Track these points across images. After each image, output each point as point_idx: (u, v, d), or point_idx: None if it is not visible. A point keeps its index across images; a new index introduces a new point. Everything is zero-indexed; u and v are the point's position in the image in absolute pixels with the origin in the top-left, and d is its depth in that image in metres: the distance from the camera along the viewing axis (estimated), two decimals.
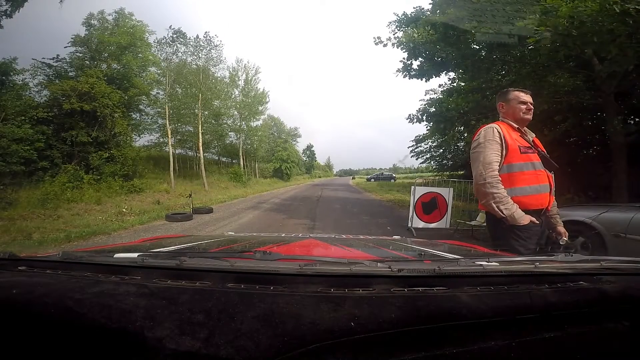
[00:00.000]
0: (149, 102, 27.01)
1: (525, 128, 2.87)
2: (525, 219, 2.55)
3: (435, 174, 24.27)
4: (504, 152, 2.65)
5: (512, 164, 2.64)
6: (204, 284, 0.89)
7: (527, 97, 2.81)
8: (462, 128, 17.50)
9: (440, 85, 18.17)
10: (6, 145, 13.40)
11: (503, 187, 2.59)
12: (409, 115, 16.04)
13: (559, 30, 6.00)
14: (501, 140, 2.65)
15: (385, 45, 11.53)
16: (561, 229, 2.88)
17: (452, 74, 15.41)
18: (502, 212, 2.56)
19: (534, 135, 2.92)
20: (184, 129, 30.86)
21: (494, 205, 2.59)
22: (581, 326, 0.76)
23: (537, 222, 2.61)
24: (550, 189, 2.71)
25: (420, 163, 27.45)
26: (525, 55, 9.72)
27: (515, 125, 2.80)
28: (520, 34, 6.75)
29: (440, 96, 16.96)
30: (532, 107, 2.81)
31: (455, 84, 17.18)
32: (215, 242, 2.14)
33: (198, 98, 26.99)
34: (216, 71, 30.18)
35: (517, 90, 2.85)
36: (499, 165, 2.64)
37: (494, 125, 2.75)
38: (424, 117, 16.10)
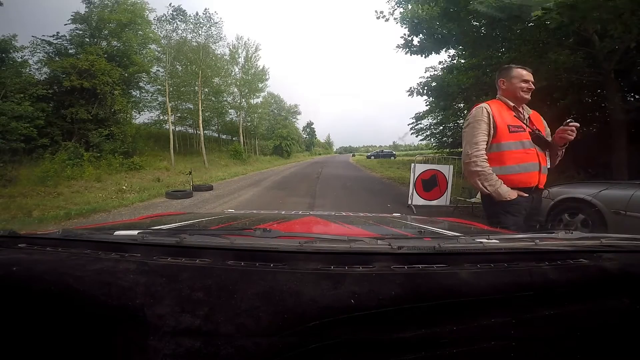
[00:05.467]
0: (149, 79, 26.99)
1: (523, 105, 2.88)
2: (511, 194, 2.62)
3: (435, 151, 24.20)
4: (492, 131, 2.69)
5: (501, 143, 2.69)
6: (204, 261, 0.89)
7: (529, 76, 2.80)
8: (462, 105, 17.44)
9: (440, 62, 18.11)
10: (6, 123, 13.40)
11: (488, 165, 2.66)
12: (410, 88, 15.95)
13: (569, 2, 5.89)
14: (489, 120, 2.69)
15: (387, 20, 11.47)
16: None
17: (452, 51, 15.36)
18: (487, 189, 2.65)
19: (531, 112, 2.93)
20: (184, 106, 30.89)
21: (479, 183, 2.68)
22: (581, 303, 0.76)
23: (526, 195, 2.67)
24: (541, 167, 2.72)
25: (420, 140, 27.48)
26: (526, 32, 9.61)
27: (511, 103, 2.81)
28: (525, 3, 6.62)
29: (440, 73, 16.86)
30: (532, 86, 2.80)
31: (455, 61, 17.07)
32: (215, 219, 2.14)
33: (198, 75, 26.99)
34: (216, 48, 30.11)
35: (519, 68, 2.83)
36: (488, 144, 2.70)
37: (484, 104, 2.77)
38: (425, 91, 16.02)
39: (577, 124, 2.65)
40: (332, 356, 0.61)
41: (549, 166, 2.84)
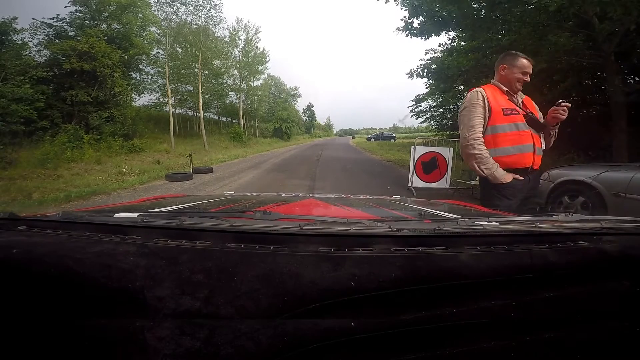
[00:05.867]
0: (149, 61, 26.98)
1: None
2: (507, 177, 2.68)
3: (435, 133, 24.14)
4: (487, 114, 2.74)
5: (496, 126, 2.73)
6: (204, 243, 0.89)
7: (530, 69, 2.84)
8: (462, 87, 17.37)
9: (440, 45, 18.00)
10: (6, 105, 13.44)
11: (485, 148, 2.72)
12: (410, 70, 15.85)
13: None
14: (484, 104, 2.74)
15: (387, 2, 11.32)
16: None
17: (452, 34, 15.20)
18: (483, 172, 2.71)
19: (524, 97, 2.98)
20: (184, 88, 30.94)
21: (476, 166, 2.74)
22: (581, 286, 0.76)
23: (522, 178, 2.72)
24: (535, 149, 2.77)
25: (420, 123, 27.33)
26: (526, 15, 9.53)
27: (504, 88, 2.86)
28: None
29: (440, 56, 16.77)
30: (528, 79, 2.85)
31: (455, 44, 16.96)
32: (215, 201, 2.14)
33: (198, 58, 26.91)
34: (216, 31, 29.96)
35: (525, 59, 2.84)
36: (483, 127, 2.75)
37: (479, 89, 2.83)
38: (425, 73, 15.95)
39: (569, 104, 2.69)
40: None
41: (543, 147, 2.89)
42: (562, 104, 2.67)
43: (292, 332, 0.62)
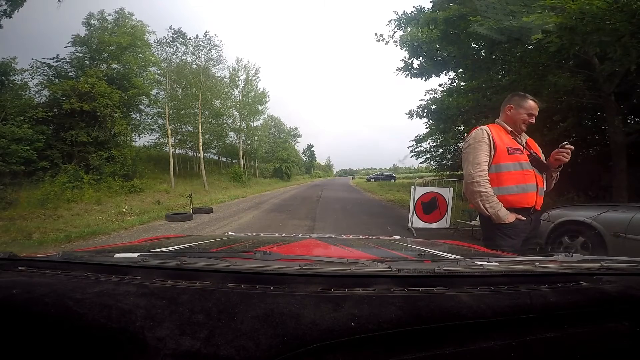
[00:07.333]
0: (149, 102, 27.31)
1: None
2: (510, 217, 2.65)
3: (435, 173, 24.19)
4: (492, 152, 2.74)
5: (500, 164, 2.73)
6: (204, 283, 0.89)
7: (536, 111, 2.86)
8: (462, 127, 17.50)
9: (440, 85, 18.20)
10: (6, 145, 13.55)
11: (490, 186, 2.69)
12: (410, 110, 15.99)
13: (569, 24, 5.98)
14: (490, 142, 2.74)
15: (387, 43, 11.61)
16: None
17: (452, 74, 15.41)
18: (487, 210, 2.67)
19: (527, 137, 2.99)
20: (184, 128, 31.18)
21: (480, 204, 2.71)
22: (581, 326, 0.76)
23: (524, 219, 2.70)
24: (538, 189, 2.76)
25: (420, 163, 27.37)
26: (526, 55, 9.70)
27: (509, 128, 2.87)
28: (525, 26, 6.69)
29: (440, 96, 16.96)
30: (534, 121, 2.87)
31: (455, 84, 17.12)
32: (215, 242, 2.14)
33: (198, 98, 27.24)
34: (216, 71, 30.46)
35: (532, 101, 2.87)
36: (487, 165, 2.74)
37: (484, 127, 2.83)
38: (424, 113, 16.11)
39: (572, 147, 2.69)
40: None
41: (545, 189, 2.87)
42: (566, 146, 2.68)
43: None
